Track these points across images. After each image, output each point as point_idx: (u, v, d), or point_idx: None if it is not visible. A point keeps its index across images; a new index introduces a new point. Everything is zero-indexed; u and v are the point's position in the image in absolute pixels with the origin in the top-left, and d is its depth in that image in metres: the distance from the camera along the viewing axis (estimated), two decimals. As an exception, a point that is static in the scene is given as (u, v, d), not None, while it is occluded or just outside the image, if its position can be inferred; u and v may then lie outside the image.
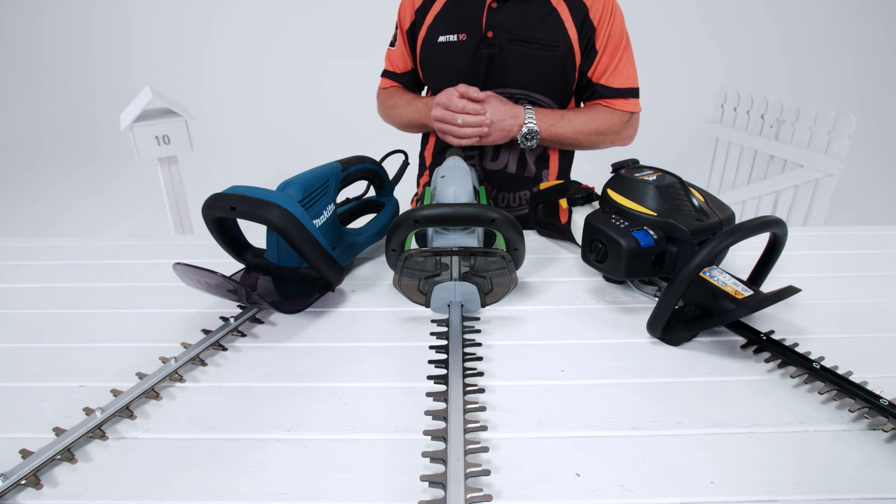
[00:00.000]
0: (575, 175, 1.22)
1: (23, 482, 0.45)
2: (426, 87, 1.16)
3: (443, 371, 0.56)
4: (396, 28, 1.14)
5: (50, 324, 0.71)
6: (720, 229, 0.69)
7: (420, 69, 1.13)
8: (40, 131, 4.46)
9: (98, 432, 0.50)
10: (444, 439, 0.46)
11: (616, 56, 1.03)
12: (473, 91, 0.95)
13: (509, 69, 1.02)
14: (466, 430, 0.47)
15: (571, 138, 1.03)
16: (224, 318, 0.67)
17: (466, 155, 1.11)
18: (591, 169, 1.31)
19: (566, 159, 1.17)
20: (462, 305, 0.69)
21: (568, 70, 1.03)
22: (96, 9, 4.46)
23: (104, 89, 4.45)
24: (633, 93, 1.06)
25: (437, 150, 1.18)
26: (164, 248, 0.93)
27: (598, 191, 0.81)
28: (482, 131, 0.95)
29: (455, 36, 1.04)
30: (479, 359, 0.60)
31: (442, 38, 1.05)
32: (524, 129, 0.97)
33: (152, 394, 0.56)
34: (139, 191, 3.50)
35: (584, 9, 0.99)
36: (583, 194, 0.83)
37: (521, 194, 1.14)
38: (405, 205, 0.96)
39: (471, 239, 0.75)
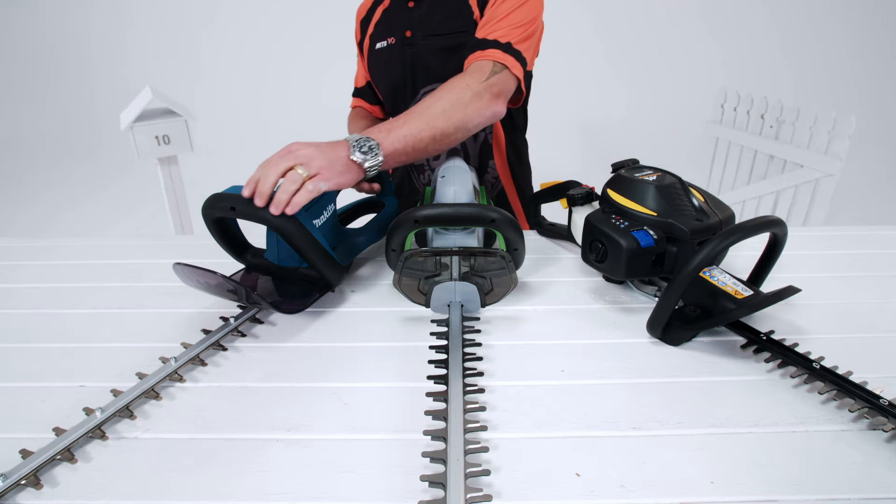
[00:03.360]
0: (574, 175, 1.22)
1: (23, 482, 0.45)
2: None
3: (443, 371, 0.56)
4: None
5: (50, 324, 0.71)
6: (720, 229, 0.68)
7: (371, 80, 1.13)
8: (40, 131, 4.47)
9: (98, 432, 0.50)
10: (444, 439, 0.46)
11: (498, 17, 0.89)
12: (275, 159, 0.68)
13: (430, 66, 1.00)
14: (466, 430, 0.47)
15: (427, 128, 0.78)
16: (224, 318, 0.67)
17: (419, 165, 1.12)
18: (591, 169, 1.31)
19: (513, 152, 1.10)
20: (462, 305, 0.69)
21: None
22: (96, 8, 4.46)
23: (104, 89, 4.45)
24: (497, 45, 0.88)
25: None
26: (164, 248, 0.93)
27: (598, 191, 0.81)
28: (305, 166, 0.66)
29: (386, 41, 1.04)
30: (479, 359, 0.60)
31: (378, 45, 1.05)
32: (352, 143, 0.71)
33: (152, 394, 0.56)
34: (139, 191, 3.50)
35: None
36: (583, 194, 0.83)
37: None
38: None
39: (471, 239, 0.75)
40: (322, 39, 4.36)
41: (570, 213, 0.86)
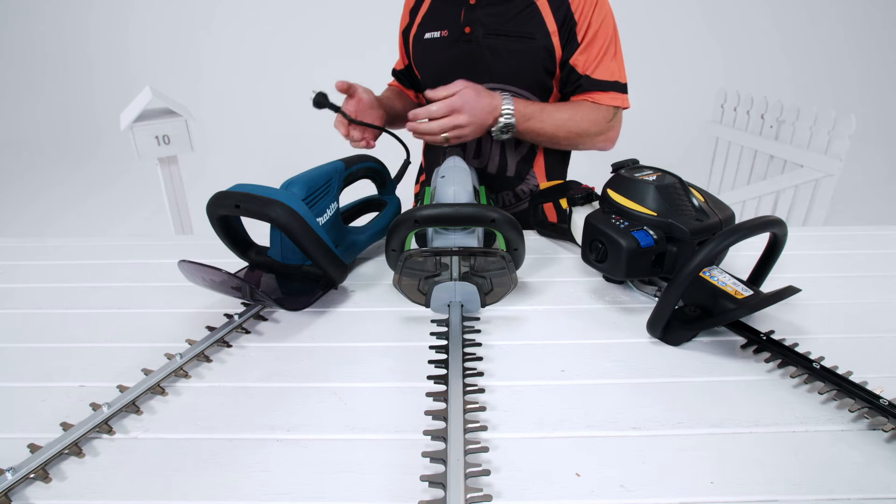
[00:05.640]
0: (575, 175, 1.22)
1: (32, 476, 0.45)
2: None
3: (443, 371, 0.56)
4: None
5: (50, 324, 0.71)
6: (720, 229, 0.69)
7: (415, 67, 1.15)
8: (40, 131, 4.47)
9: (105, 427, 0.51)
10: (444, 439, 0.46)
11: (601, 49, 0.99)
12: (441, 90, 0.88)
13: (487, 63, 1.02)
14: (466, 430, 0.47)
15: (550, 133, 0.98)
16: (228, 316, 0.68)
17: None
18: (591, 169, 1.31)
19: (556, 158, 1.13)
20: (462, 305, 0.69)
21: (546, 63, 1.00)
22: (95, 9, 4.46)
23: (104, 89, 4.45)
24: (618, 87, 1.01)
25: (427, 149, 1.21)
26: (164, 248, 0.93)
27: (598, 191, 0.81)
28: (455, 131, 0.88)
29: (438, 33, 1.05)
30: (479, 359, 0.60)
31: (428, 35, 1.07)
32: (500, 122, 0.91)
33: (158, 389, 0.56)
34: (139, 191, 3.50)
35: (564, 2, 0.98)
36: (583, 194, 0.83)
37: (504, 195, 1.12)
38: (406, 204, 0.96)
39: (471, 239, 0.75)
40: (321, 38, 4.36)
41: (570, 213, 0.86)
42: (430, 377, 0.56)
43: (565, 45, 0.99)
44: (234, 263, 0.76)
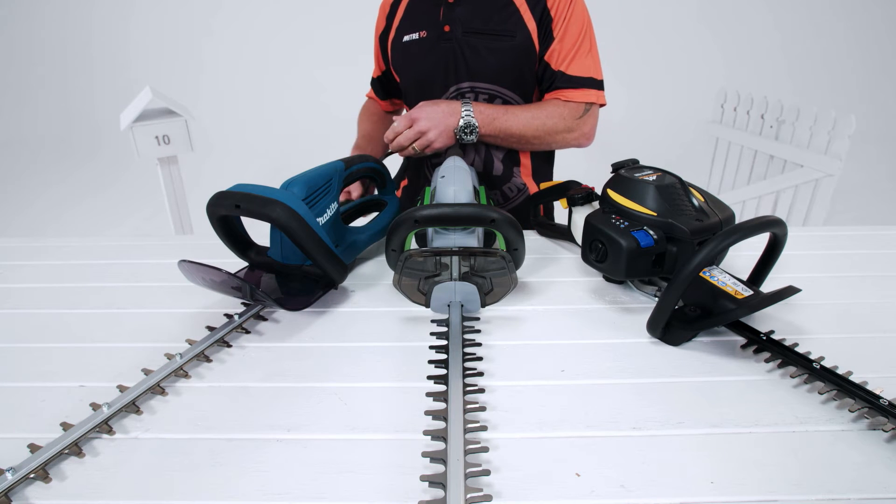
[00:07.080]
0: (574, 175, 1.22)
1: (32, 476, 0.45)
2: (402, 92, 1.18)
3: (443, 371, 0.56)
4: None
5: (50, 324, 0.71)
6: (720, 229, 0.68)
7: (394, 72, 1.14)
8: (40, 131, 4.47)
9: (105, 427, 0.51)
10: (444, 439, 0.46)
11: (574, 44, 1.00)
12: (400, 119, 0.96)
13: (468, 62, 1.02)
14: (466, 430, 0.47)
15: (518, 132, 1.00)
16: (228, 316, 0.68)
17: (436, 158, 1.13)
18: (591, 169, 1.31)
19: (541, 157, 1.14)
20: (462, 305, 0.69)
21: (528, 61, 1.01)
22: (96, 9, 4.46)
23: (104, 89, 4.45)
24: (591, 83, 1.02)
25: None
26: (165, 248, 0.93)
27: (598, 191, 0.81)
28: (421, 139, 0.95)
29: (417, 34, 1.05)
30: (479, 359, 0.60)
31: (406, 38, 1.07)
32: (461, 123, 0.95)
33: (158, 389, 0.56)
34: (139, 191, 3.50)
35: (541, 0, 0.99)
36: (583, 194, 0.83)
37: (492, 194, 1.13)
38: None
39: (471, 239, 0.75)
40: (322, 40, 4.36)
41: (570, 213, 0.86)
42: (430, 377, 0.56)
43: (542, 42, 1.00)
44: (234, 263, 0.76)
